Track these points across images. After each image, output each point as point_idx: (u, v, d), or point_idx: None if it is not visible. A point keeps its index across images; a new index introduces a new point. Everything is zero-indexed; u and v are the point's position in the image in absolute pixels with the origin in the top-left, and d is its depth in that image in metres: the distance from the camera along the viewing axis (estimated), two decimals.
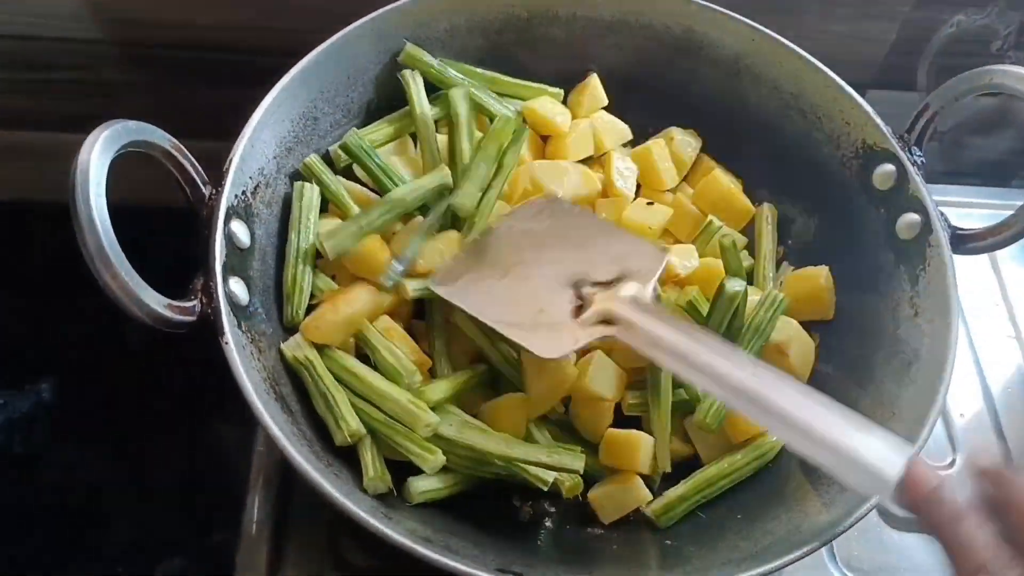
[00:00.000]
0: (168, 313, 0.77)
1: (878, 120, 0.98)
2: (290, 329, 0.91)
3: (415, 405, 0.83)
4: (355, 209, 0.96)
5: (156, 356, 1.49)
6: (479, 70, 1.08)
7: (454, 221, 0.98)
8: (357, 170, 1.01)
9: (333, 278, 0.96)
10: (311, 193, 0.96)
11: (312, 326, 0.88)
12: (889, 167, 0.97)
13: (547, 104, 1.08)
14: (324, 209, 0.99)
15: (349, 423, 0.83)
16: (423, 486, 0.85)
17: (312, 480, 0.74)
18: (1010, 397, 1.15)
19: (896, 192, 0.96)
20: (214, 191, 0.86)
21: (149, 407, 1.45)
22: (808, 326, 1.00)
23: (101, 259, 0.72)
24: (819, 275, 0.99)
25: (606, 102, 1.11)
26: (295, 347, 0.88)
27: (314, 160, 0.96)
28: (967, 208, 1.34)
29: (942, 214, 0.93)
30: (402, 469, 0.87)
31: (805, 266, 1.03)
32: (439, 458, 0.83)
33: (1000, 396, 1.15)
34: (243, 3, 1.24)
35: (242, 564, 0.97)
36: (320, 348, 0.89)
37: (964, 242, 0.92)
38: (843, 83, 1.00)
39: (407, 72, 1.04)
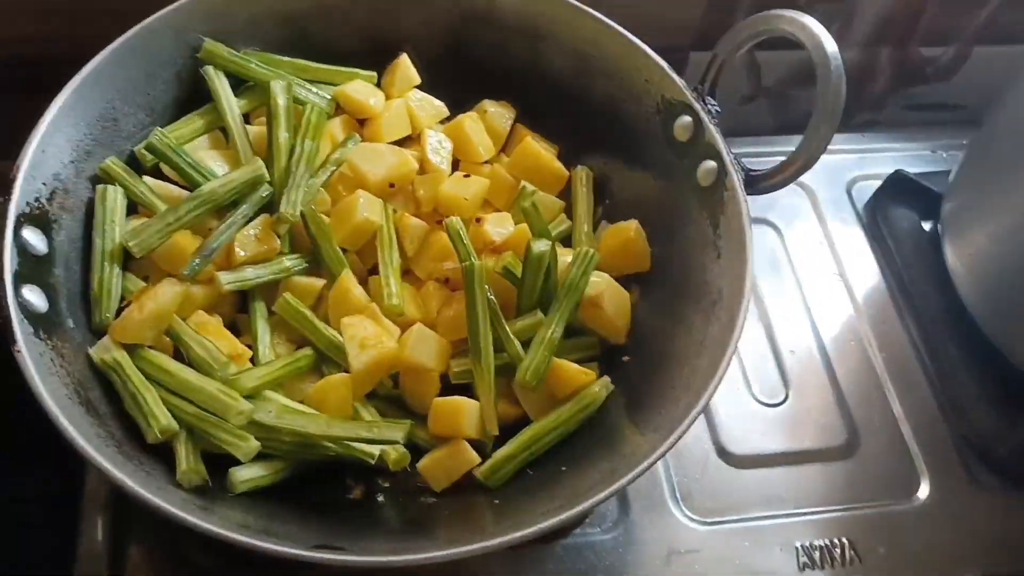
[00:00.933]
0: None
1: (673, 75, 1.01)
2: (100, 333, 0.89)
3: (225, 394, 0.83)
4: (162, 208, 0.95)
5: None
6: (286, 59, 1.07)
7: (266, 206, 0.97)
8: (166, 169, 0.99)
9: (146, 279, 0.94)
10: (115, 195, 0.94)
11: (119, 327, 0.87)
12: (687, 119, 1.00)
13: (359, 87, 1.08)
14: (134, 211, 0.97)
15: (159, 419, 0.82)
16: (245, 475, 0.84)
17: (113, 477, 0.73)
18: (838, 332, 1.20)
19: (694, 142, 0.99)
20: (2, 200, 0.83)
21: None
22: (628, 279, 1.02)
23: None
24: (629, 228, 1.02)
25: (418, 81, 1.11)
26: (103, 350, 0.86)
27: (112, 163, 0.95)
28: None
29: (737, 159, 0.96)
30: (230, 461, 0.86)
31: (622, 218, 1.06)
32: (252, 444, 0.82)
33: (827, 332, 1.20)
34: (49, 16, 1.20)
35: None
36: (132, 349, 0.87)
37: (756, 183, 0.96)
38: (638, 41, 1.03)
39: (209, 69, 1.03)
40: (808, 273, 1.26)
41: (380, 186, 1.02)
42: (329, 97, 1.07)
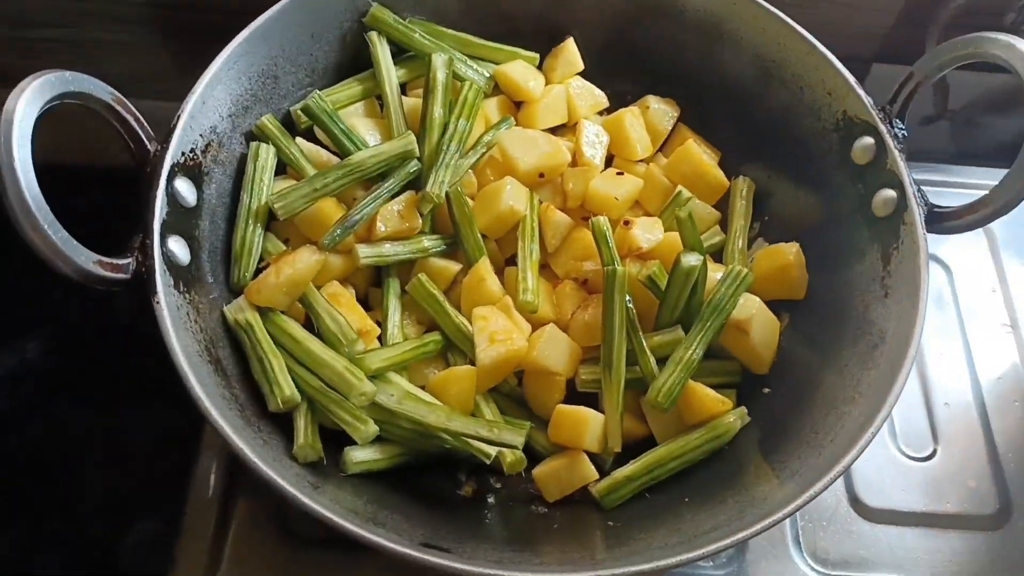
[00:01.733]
0: (98, 270, 0.75)
1: (860, 91, 0.93)
2: (237, 292, 0.89)
3: (351, 373, 0.81)
4: (311, 172, 0.94)
5: (141, 317, 1.49)
6: (450, 31, 1.04)
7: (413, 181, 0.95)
8: (319, 133, 0.98)
9: (286, 242, 0.94)
10: (266, 154, 0.93)
11: (255, 288, 0.86)
12: (868, 140, 0.92)
13: (520, 68, 1.04)
14: (283, 172, 0.97)
15: (283, 389, 0.81)
16: (359, 456, 0.83)
17: (232, 444, 0.72)
18: (1000, 387, 1.10)
19: (874, 166, 0.91)
20: (159, 147, 0.84)
21: (131, 368, 1.45)
22: (779, 305, 0.95)
23: (24, 213, 0.70)
24: (788, 252, 0.95)
25: (582, 67, 1.07)
26: (237, 310, 0.86)
27: (268, 120, 0.94)
28: (978, 191, 1.27)
29: (920, 191, 0.88)
30: (345, 439, 0.85)
31: (780, 242, 0.98)
32: (371, 428, 0.80)
33: (990, 387, 1.10)
34: None
35: (189, 531, 0.96)
36: (264, 312, 0.87)
37: (941, 220, 0.87)
38: (825, 50, 0.95)
39: (373, 34, 1.01)
40: (975, 320, 1.15)
41: (529, 175, 0.98)
42: (488, 75, 1.04)
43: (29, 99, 0.72)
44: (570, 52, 1.06)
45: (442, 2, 1.05)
